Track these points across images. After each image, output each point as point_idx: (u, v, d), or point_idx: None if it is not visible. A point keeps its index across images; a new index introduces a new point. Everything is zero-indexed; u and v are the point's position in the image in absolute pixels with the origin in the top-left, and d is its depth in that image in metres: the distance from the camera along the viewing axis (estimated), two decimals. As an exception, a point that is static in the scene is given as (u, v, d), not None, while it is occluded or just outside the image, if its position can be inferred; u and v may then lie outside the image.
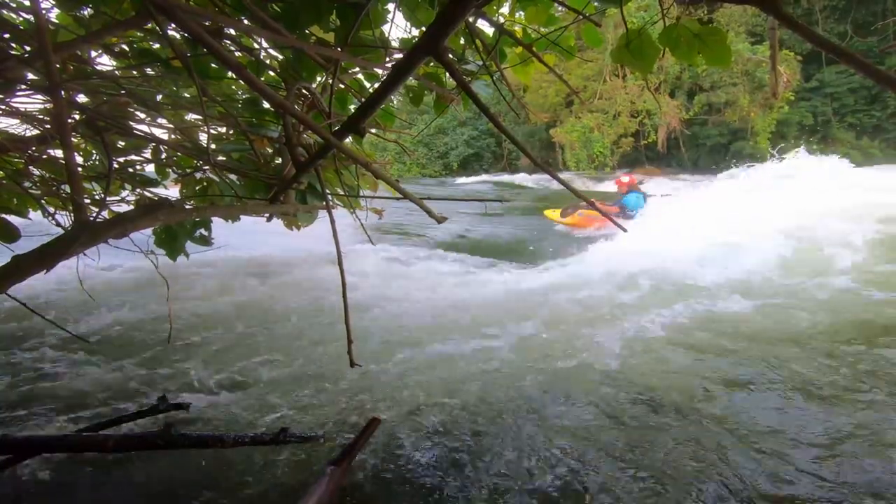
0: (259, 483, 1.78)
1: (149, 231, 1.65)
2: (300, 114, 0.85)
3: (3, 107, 1.38)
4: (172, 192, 1.90)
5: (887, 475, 1.77)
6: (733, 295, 3.76)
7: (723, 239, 5.13)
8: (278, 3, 1.31)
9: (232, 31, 1.36)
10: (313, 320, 3.40)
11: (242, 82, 1.29)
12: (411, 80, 1.61)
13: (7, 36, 1.32)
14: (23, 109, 1.48)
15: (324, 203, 1.31)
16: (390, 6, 1.37)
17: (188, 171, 1.76)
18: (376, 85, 1.47)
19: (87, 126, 1.37)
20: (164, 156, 1.80)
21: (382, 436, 2.05)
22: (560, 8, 1.42)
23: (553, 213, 8.37)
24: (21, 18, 1.47)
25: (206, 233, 1.85)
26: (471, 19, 1.42)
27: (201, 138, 1.78)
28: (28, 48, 1.34)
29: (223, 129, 1.75)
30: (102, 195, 1.48)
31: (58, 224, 1.87)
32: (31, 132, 1.61)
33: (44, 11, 1.12)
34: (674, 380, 2.51)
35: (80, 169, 1.63)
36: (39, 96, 1.41)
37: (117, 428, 1.79)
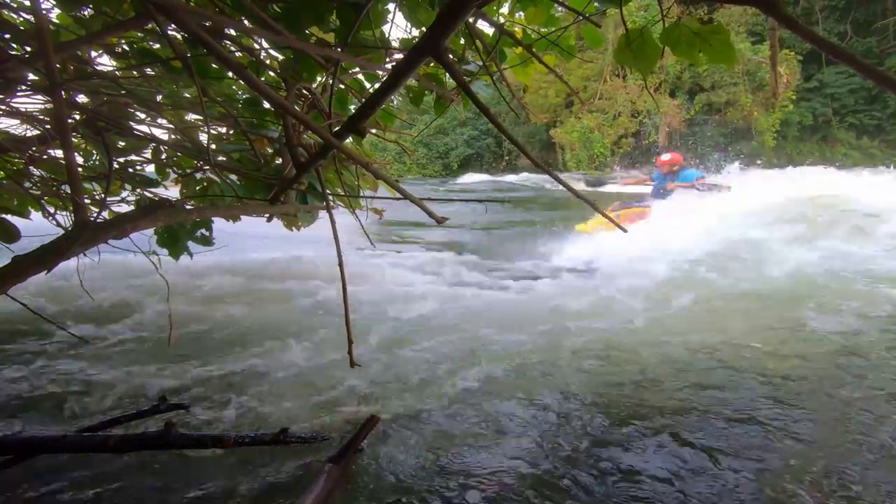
0: (259, 483, 1.78)
1: (150, 231, 1.65)
2: (300, 114, 0.85)
3: (4, 107, 1.38)
4: (172, 192, 1.89)
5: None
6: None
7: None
8: (278, 4, 1.31)
9: (232, 32, 1.36)
10: (313, 321, 3.40)
11: (242, 82, 1.29)
12: (411, 81, 1.61)
13: (7, 36, 1.32)
14: (23, 109, 1.48)
15: (324, 203, 1.31)
16: (390, 6, 1.37)
17: (188, 171, 1.76)
18: (376, 85, 1.47)
19: (87, 126, 1.37)
20: (164, 156, 1.80)
21: (382, 436, 2.05)
22: (560, 8, 1.42)
23: (584, 226, 6.99)
24: (21, 19, 1.47)
25: (206, 233, 1.85)
26: (471, 20, 1.42)
27: (201, 138, 1.78)
28: (28, 48, 1.34)
29: (223, 130, 1.75)
30: (102, 195, 1.48)
31: (58, 224, 1.87)
32: (32, 132, 1.62)
33: (44, 12, 1.13)
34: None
35: (80, 169, 1.63)
36: (40, 96, 1.41)
37: (117, 428, 1.79)
